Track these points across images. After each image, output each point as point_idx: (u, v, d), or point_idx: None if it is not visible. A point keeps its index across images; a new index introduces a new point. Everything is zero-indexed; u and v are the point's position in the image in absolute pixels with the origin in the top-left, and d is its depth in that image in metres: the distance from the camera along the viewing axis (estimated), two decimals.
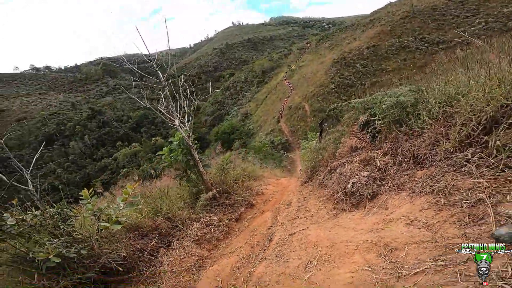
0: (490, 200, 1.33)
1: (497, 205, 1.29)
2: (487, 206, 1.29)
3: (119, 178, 50.36)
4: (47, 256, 1.82)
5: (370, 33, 51.65)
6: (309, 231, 2.19)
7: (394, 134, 2.54)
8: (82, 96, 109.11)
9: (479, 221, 1.27)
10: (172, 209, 3.37)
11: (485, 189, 1.39)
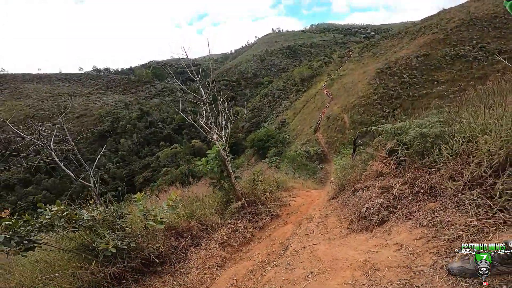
0: (467, 237, 1.46)
1: (472, 242, 1.42)
2: (462, 243, 1.43)
3: (159, 176, 53.80)
4: (107, 247, 2.30)
5: (420, 41, 48.46)
6: (318, 246, 2.42)
7: (417, 164, 2.64)
8: (134, 97, 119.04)
9: (451, 254, 1.42)
10: (204, 214, 3.81)
11: (472, 227, 1.52)
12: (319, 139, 37.40)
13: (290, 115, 63.31)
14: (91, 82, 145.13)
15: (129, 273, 2.39)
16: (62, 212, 2.19)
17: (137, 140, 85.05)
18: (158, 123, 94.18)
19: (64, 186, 54.35)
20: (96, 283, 2.19)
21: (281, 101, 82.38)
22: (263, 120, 76.45)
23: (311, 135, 40.43)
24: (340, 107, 43.00)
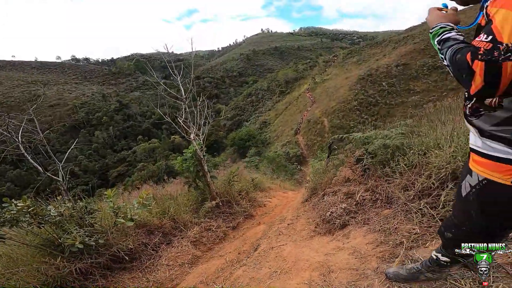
0: (407, 244, 1.66)
1: (411, 248, 1.62)
2: (402, 249, 1.63)
3: (135, 171, 52.14)
4: (73, 243, 2.30)
5: (402, 51, 50.62)
6: (285, 247, 2.56)
7: (379, 173, 2.86)
8: (113, 89, 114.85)
9: (393, 259, 1.61)
10: (177, 212, 3.84)
11: (414, 234, 1.72)
12: (299, 141, 38.12)
13: (272, 116, 63.89)
14: (68, 72, 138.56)
15: (96, 269, 2.40)
16: (28, 207, 2.16)
17: (113, 133, 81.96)
18: (137, 117, 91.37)
19: (30, 178, 51.28)
20: (61, 278, 2.19)
21: (264, 102, 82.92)
22: (245, 120, 76.55)
23: (292, 137, 41.09)
24: (321, 111, 44.05)
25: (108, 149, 77.11)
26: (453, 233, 1.08)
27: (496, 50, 0.74)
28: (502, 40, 0.74)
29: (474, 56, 0.79)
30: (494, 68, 0.75)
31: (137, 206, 2.70)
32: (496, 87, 0.76)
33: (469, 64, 0.79)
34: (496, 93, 0.78)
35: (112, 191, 2.81)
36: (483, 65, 0.76)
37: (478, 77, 0.77)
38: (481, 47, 0.78)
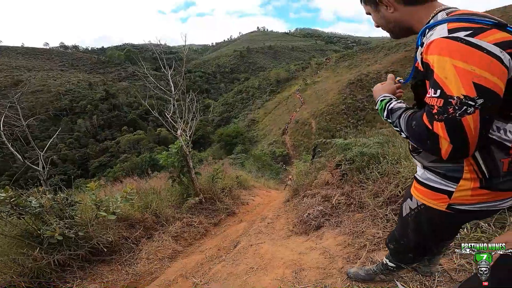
0: (369, 247, 1.82)
1: (373, 251, 1.79)
2: (365, 251, 1.79)
3: (117, 162, 50.92)
4: (53, 234, 2.31)
5: (393, 58, 51.83)
6: (263, 245, 2.68)
7: (355, 179, 3.02)
8: (100, 78, 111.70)
9: (356, 260, 1.77)
10: (160, 207, 3.87)
11: (377, 238, 1.88)
12: (286, 141, 38.51)
13: (261, 114, 64.06)
14: (55, 59, 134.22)
15: (74, 261, 2.42)
16: (10, 198, 2.16)
17: (97, 122, 79.59)
18: (123, 107, 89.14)
19: (5, 166, 49.10)
20: (39, 269, 2.20)
21: (254, 100, 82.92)
22: (234, 116, 76.33)
23: (279, 137, 41.44)
24: (309, 113, 44.62)
25: (90, 138, 74.92)
26: (394, 245, 1.26)
27: (449, 106, 0.70)
28: (452, 93, 0.70)
29: (431, 117, 0.74)
30: (455, 125, 0.69)
31: (120, 200, 2.74)
32: (466, 145, 0.70)
33: (429, 128, 0.74)
34: (469, 151, 0.72)
35: (94, 184, 2.83)
36: (443, 125, 0.71)
37: (444, 141, 0.71)
38: (434, 105, 0.73)
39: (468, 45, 0.69)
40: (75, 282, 2.29)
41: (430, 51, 0.75)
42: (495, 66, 0.68)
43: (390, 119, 0.93)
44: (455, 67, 0.69)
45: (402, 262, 1.35)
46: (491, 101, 0.68)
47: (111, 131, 79.86)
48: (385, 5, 0.94)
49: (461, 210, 0.89)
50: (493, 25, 0.73)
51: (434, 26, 0.80)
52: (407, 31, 0.98)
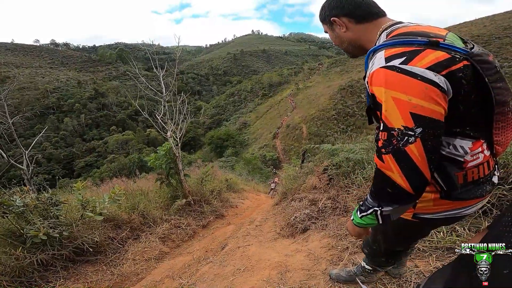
0: (351, 249, 1.90)
1: (354, 253, 1.86)
2: (347, 253, 1.86)
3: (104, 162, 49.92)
4: (37, 234, 2.28)
5: None
6: (250, 247, 2.71)
7: (341, 184, 3.10)
8: (90, 77, 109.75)
9: (339, 262, 1.83)
10: (147, 208, 3.85)
11: (359, 241, 1.95)
12: (276, 145, 38.66)
13: (252, 117, 64.16)
14: (45, 56, 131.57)
15: (58, 261, 2.40)
16: None
17: (85, 121, 77.89)
18: (113, 107, 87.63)
19: None
20: (21, 268, 2.17)
21: (246, 103, 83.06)
22: (225, 119, 76.20)
23: (270, 141, 41.57)
24: (301, 117, 44.97)
25: (77, 137, 73.25)
26: (368, 250, 1.33)
27: (392, 137, 0.73)
28: (393, 125, 0.73)
29: (379, 153, 0.77)
30: (401, 155, 0.72)
31: (108, 201, 2.73)
32: (417, 171, 0.72)
33: (382, 166, 0.77)
34: (424, 175, 0.73)
35: (81, 184, 2.81)
36: (391, 157, 0.74)
37: (396, 173, 0.74)
38: (381, 139, 0.77)
39: (403, 73, 0.72)
40: (58, 282, 2.27)
41: (374, 83, 0.78)
42: (431, 92, 0.70)
43: (365, 213, 0.88)
44: (393, 99, 0.72)
45: (377, 265, 1.42)
46: (430, 128, 0.71)
47: (99, 131, 78.35)
48: (338, 25, 0.97)
49: (426, 218, 0.92)
50: (427, 45, 0.75)
51: (375, 52, 0.83)
52: (361, 50, 1.01)
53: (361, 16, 0.93)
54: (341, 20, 0.95)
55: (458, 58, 0.74)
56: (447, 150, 0.81)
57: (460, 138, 0.80)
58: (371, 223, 0.88)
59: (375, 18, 0.93)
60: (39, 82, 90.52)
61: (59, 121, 76.43)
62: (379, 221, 0.85)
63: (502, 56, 38.67)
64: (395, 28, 0.87)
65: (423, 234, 1.20)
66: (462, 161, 0.81)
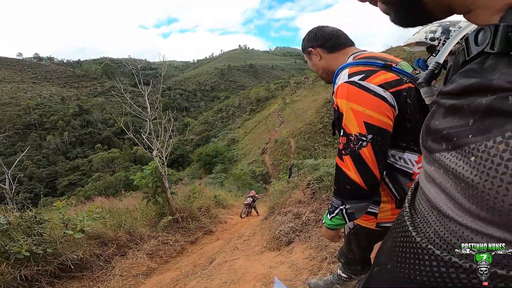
0: (330, 259, 2.02)
1: (333, 263, 1.98)
2: (326, 263, 1.99)
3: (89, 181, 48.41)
4: (20, 250, 2.30)
5: None
6: (237, 261, 2.77)
7: (324, 197, 3.24)
8: (74, 92, 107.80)
9: (318, 272, 1.94)
10: (134, 225, 3.84)
11: (337, 251, 2.07)
12: (265, 161, 38.76)
13: (241, 133, 64.26)
14: (28, 70, 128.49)
15: (43, 276, 2.40)
16: None
17: (68, 139, 75.81)
18: (98, 124, 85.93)
19: None
20: (5, 283, 2.17)
21: (234, 119, 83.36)
22: (213, 135, 75.94)
23: (259, 156, 41.62)
24: (289, 132, 45.46)
25: (60, 155, 70.94)
26: (344, 259, 1.46)
27: (350, 142, 0.87)
28: (351, 131, 0.87)
29: (340, 154, 0.91)
30: (356, 156, 0.86)
31: (87, 218, 2.77)
32: (369, 169, 0.87)
33: (342, 165, 0.90)
34: (375, 173, 0.87)
35: (61, 202, 2.85)
36: (349, 158, 0.88)
37: (353, 171, 0.88)
38: (341, 142, 0.91)
39: (360, 88, 0.87)
40: None
41: (337, 95, 0.92)
42: (380, 105, 0.86)
43: (334, 215, 0.98)
44: (351, 109, 0.87)
45: (353, 274, 1.54)
46: (378, 135, 0.86)
47: (83, 149, 76.33)
48: (314, 54, 1.14)
49: (387, 227, 1.04)
50: (382, 67, 0.92)
51: (342, 69, 0.98)
52: (333, 76, 1.11)
53: (331, 47, 1.10)
54: (316, 50, 1.12)
55: (405, 80, 0.91)
56: (399, 163, 0.95)
57: (408, 152, 0.95)
58: (340, 223, 0.99)
59: (343, 47, 1.10)
60: (21, 98, 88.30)
61: (41, 138, 74.16)
62: (346, 220, 0.96)
63: None
64: (360, 53, 1.04)
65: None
66: (411, 173, 0.95)
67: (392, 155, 0.96)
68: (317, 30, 1.13)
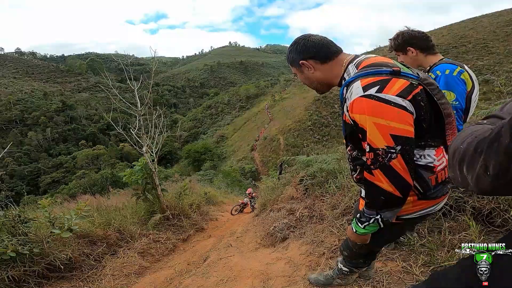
0: (328, 254, 2.04)
1: (331, 258, 2.00)
2: (324, 258, 2.01)
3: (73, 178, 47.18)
4: (4, 251, 2.19)
5: None
6: (232, 258, 2.74)
7: (317, 193, 3.26)
8: (57, 88, 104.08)
9: (316, 267, 1.96)
10: (123, 223, 3.75)
11: (334, 246, 2.09)
12: (255, 157, 38.82)
13: (230, 130, 64.02)
14: (8, 65, 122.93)
15: (31, 277, 2.31)
16: None
17: (51, 135, 73.25)
18: (82, 120, 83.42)
19: None
20: None
21: (224, 116, 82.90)
22: (202, 132, 75.31)
23: (248, 153, 41.63)
24: (278, 129, 45.66)
25: (42, 152, 68.50)
26: (348, 252, 1.44)
27: (378, 156, 0.90)
28: (377, 146, 0.89)
29: (369, 169, 0.94)
30: (388, 169, 0.89)
31: (75, 217, 2.67)
32: (402, 179, 0.90)
33: (373, 179, 0.93)
34: (408, 182, 0.91)
35: (47, 201, 2.74)
36: (380, 171, 0.91)
37: (385, 183, 0.91)
38: (368, 158, 0.94)
39: (380, 101, 0.88)
40: None
41: (355, 111, 0.94)
42: (402, 115, 0.88)
43: (365, 220, 1.04)
44: (375, 124, 0.89)
45: (354, 267, 1.53)
46: (406, 145, 0.89)
47: (66, 145, 74.03)
48: (307, 67, 1.11)
49: (407, 218, 1.08)
50: (391, 74, 0.93)
51: (350, 82, 0.98)
52: (329, 86, 1.17)
53: (324, 57, 1.07)
54: (308, 62, 1.09)
55: (415, 84, 0.93)
56: (421, 160, 0.99)
57: (428, 148, 0.99)
58: (374, 229, 1.05)
59: (335, 56, 1.08)
60: (2, 93, 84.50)
61: (22, 135, 71.37)
62: (380, 225, 1.02)
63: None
64: (360, 61, 1.03)
65: (402, 233, 1.37)
66: (433, 166, 0.99)
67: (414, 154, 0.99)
68: (305, 41, 1.09)
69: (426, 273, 1.56)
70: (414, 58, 1.70)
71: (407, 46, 1.70)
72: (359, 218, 1.06)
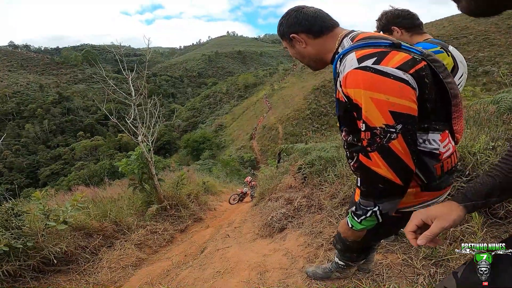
0: (326, 246, 2.00)
1: (329, 250, 1.96)
2: (322, 250, 1.97)
3: (72, 170, 47.23)
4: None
5: None
6: (230, 249, 2.72)
7: (315, 182, 3.20)
8: (53, 80, 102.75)
9: (315, 259, 1.93)
10: (120, 215, 3.71)
11: (332, 237, 2.05)
12: (253, 146, 38.81)
13: (229, 119, 63.80)
14: (3, 58, 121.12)
15: (26, 271, 2.29)
16: None
17: (48, 127, 72.80)
18: (79, 111, 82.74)
19: None
20: None
21: (222, 105, 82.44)
22: (201, 121, 75.05)
23: (247, 142, 41.61)
24: (276, 118, 45.48)
25: (40, 144, 68.28)
26: (341, 246, 1.36)
27: (375, 136, 0.78)
28: (374, 124, 0.78)
29: (365, 152, 0.82)
30: (386, 151, 0.77)
31: (71, 209, 2.62)
32: (403, 163, 0.78)
33: (369, 164, 0.81)
34: (410, 167, 0.79)
35: (41, 193, 2.68)
36: (377, 154, 0.79)
37: (384, 168, 0.78)
38: (364, 138, 0.81)
39: (377, 73, 0.77)
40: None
41: (348, 85, 0.82)
42: (404, 90, 0.76)
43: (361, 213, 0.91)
44: (372, 99, 0.77)
45: (349, 261, 1.47)
46: (408, 124, 0.77)
47: (64, 137, 73.71)
48: (298, 41, 0.99)
49: (407, 212, 0.94)
50: (391, 46, 0.82)
51: (344, 55, 0.86)
52: (322, 63, 1.05)
53: (318, 31, 0.96)
54: (300, 36, 0.98)
55: (418, 59, 0.82)
56: (423, 145, 0.87)
57: (431, 132, 0.87)
58: (372, 224, 0.91)
59: (330, 30, 0.97)
60: None
61: (19, 127, 70.94)
62: (379, 220, 0.89)
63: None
64: (356, 34, 0.92)
65: (400, 228, 1.28)
66: (438, 153, 0.88)
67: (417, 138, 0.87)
68: (297, 13, 0.98)
69: (427, 266, 1.52)
70: (399, 38, 1.60)
71: (391, 25, 1.62)
72: (355, 211, 0.94)
